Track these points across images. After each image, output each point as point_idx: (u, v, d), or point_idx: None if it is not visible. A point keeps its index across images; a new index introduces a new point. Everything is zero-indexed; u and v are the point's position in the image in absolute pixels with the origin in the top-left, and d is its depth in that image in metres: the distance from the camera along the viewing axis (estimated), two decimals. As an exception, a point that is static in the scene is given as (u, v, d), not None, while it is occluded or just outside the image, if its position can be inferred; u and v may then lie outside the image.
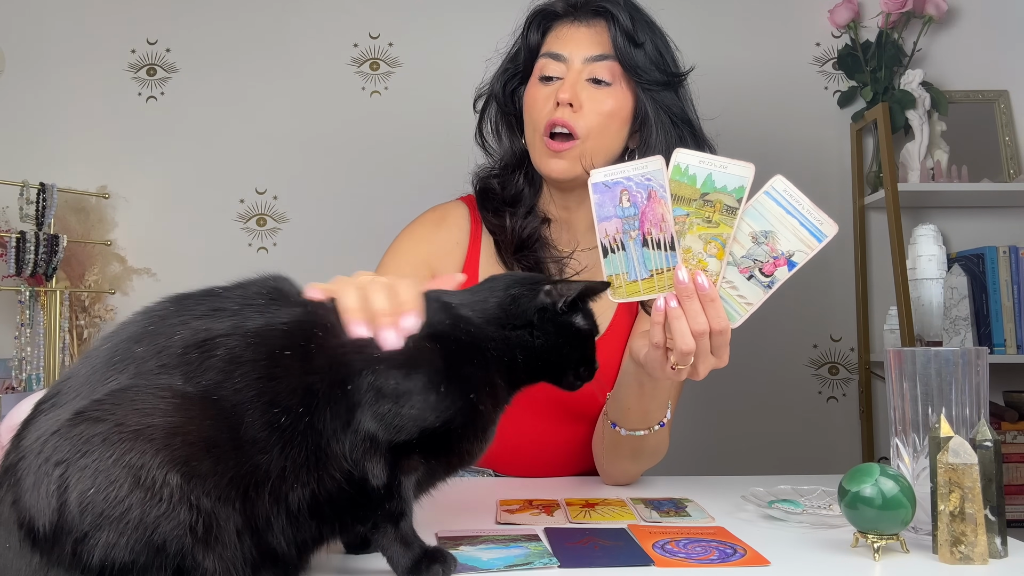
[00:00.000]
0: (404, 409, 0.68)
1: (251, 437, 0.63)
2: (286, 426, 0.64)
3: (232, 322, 0.66)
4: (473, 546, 0.80)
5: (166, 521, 0.58)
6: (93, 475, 0.58)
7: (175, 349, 0.64)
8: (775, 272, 0.88)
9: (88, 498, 0.57)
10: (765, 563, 0.77)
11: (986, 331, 2.24)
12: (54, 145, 2.48)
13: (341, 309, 0.71)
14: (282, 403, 0.65)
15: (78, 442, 0.59)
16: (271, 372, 0.65)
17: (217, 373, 0.64)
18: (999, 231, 2.44)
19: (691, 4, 2.55)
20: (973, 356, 0.86)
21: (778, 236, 0.88)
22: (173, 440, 0.60)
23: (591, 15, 1.22)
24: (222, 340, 0.65)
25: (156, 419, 0.60)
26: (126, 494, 0.58)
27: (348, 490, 0.67)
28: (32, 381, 2.23)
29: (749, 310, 0.89)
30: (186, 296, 0.69)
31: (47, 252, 2.18)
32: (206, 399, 0.62)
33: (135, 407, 0.61)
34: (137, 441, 0.59)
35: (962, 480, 0.75)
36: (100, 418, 0.60)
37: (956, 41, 2.55)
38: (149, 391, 0.62)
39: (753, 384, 2.45)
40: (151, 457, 0.59)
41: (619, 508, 1.00)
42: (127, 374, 0.63)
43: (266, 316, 0.68)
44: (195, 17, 2.56)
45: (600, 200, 0.88)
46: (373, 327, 0.70)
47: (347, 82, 2.55)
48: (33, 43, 2.53)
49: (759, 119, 2.50)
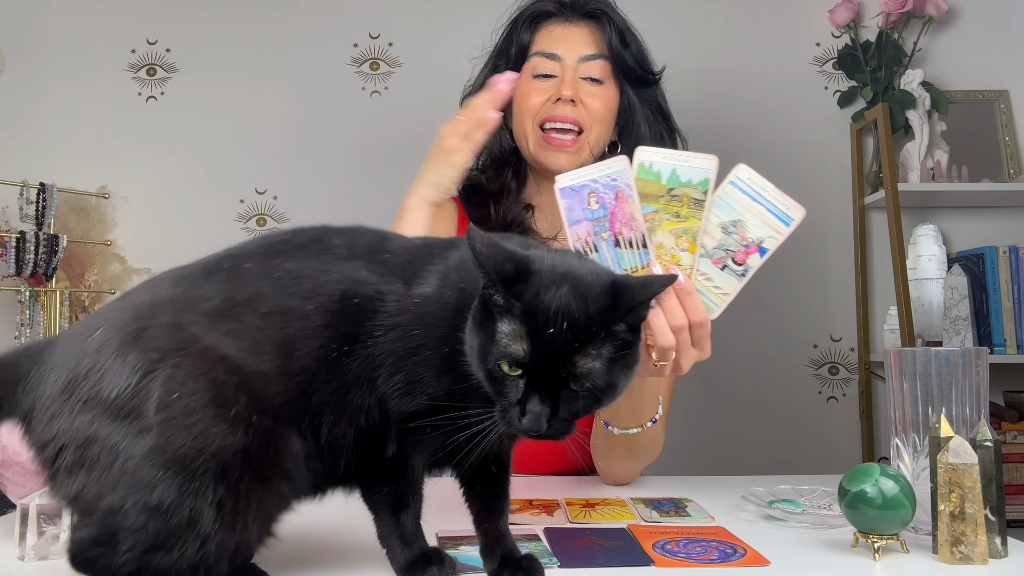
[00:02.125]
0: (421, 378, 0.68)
1: (302, 367, 0.67)
2: (331, 363, 0.68)
3: (332, 264, 0.71)
4: (473, 546, 0.80)
5: (223, 439, 0.62)
6: (180, 378, 0.63)
7: (277, 279, 0.69)
8: (747, 260, 0.88)
9: (168, 400, 0.62)
10: (765, 563, 0.77)
11: (986, 331, 2.24)
12: (54, 145, 2.48)
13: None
14: (332, 343, 0.68)
15: (180, 339, 0.64)
16: (342, 311, 0.68)
17: (297, 302, 0.68)
18: (999, 231, 2.44)
19: (691, 4, 2.54)
20: (973, 356, 0.86)
21: (747, 224, 0.88)
22: (248, 362, 0.65)
23: (582, 16, 1.28)
24: (319, 278, 0.70)
25: (244, 342, 0.66)
26: (201, 406, 0.62)
27: (362, 445, 0.70)
28: (32, 381, 2.23)
29: (726, 300, 0.89)
30: (302, 231, 0.74)
31: (47, 252, 2.18)
32: (283, 328, 0.67)
33: (231, 327, 0.66)
34: (224, 361, 0.65)
35: (962, 480, 0.75)
36: (197, 334, 0.65)
37: (956, 41, 2.55)
38: (248, 315, 0.67)
39: (753, 384, 2.44)
40: (231, 377, 0.64)
41: (619, 508, 1.00)
42: (233, 288, 0.69)
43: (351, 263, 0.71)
44: (195, 17, 2.56)
45: (569, 204, 0.88)
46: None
47: (347, 82, 2.55)
48: (33, 43, 2.53)
49: (759, 119, 2.50)
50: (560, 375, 0.63)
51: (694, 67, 2.47)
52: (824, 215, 2.52)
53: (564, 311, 0.63)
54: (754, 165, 0.90)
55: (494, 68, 1.32)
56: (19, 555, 0.78)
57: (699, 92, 2.46)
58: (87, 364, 0.64)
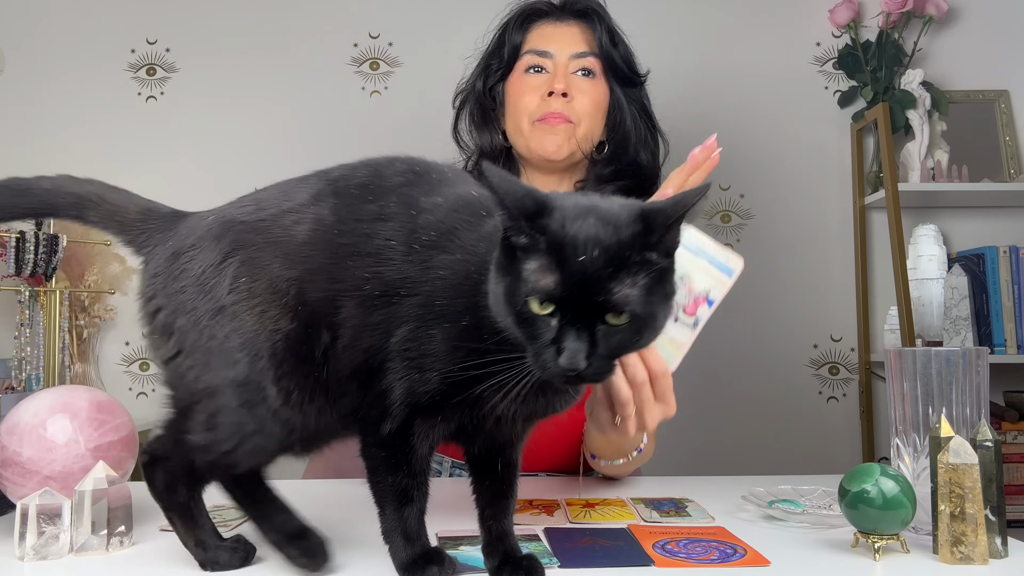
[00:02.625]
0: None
1: (341, 281, 0.71)
2: (363, 295, 0.70)
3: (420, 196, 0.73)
4: (473, 546, 0.80)
5: (275, 322, 0.70)
6: (248, 266, 0.72)
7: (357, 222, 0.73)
8: (697, 311, 0.90)
9: (237, 283, 0.71)
10: (765, 563, 0.77)
11: (986, 331, 2.24)
12: (54, 145, 2.48)
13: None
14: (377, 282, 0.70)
15: (256, 236, 0.73)
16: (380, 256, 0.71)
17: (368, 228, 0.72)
18: (999, 231, 2.44)
19: (691, 4, 2.54)
20: (973, 356, 0.86)
21: (692, 278, 0.90)
22: (300, 265, 0.71)
23: (573, 15, 1.32)
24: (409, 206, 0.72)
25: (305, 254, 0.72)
26: (261, 291, 0.71)
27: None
28: (32, 381, 2.23)
29: (682, 351, 0.90)
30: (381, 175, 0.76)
31: (47, 252, 2.18)
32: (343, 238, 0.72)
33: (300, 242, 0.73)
34: (283, 258, 0.72)
35: (962, 480, 0.75)
36: (277, 236, 0.73)
37: (956, 41, 2.55)
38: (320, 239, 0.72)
39: (753, 384, 2.44)
40: (285, 272, 0.71)
41: (619, 508, 1.00)
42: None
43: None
44: (195, 17, 2.56)
45: None
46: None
47: (347, 82, 2.55)
48: (33, 43, 2.53)
49: (759, 119, 2.50)
50: (596, 306, 0.60)
51: (694, 67, 2.47)
52: (824, 215, 2.52)
53: (594, 239, 0.60)
54: (755, 165, 0.90)
55: (486, 68, 1.36)
56: (19, 555, 0.78)
57: (699, 92, 2.46)
58: (191, 240, 0.75)
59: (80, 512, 0.79)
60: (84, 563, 0.78)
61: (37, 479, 0.84)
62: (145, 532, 0.88)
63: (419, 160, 0.78)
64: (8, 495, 0.87)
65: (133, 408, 2.44)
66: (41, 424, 0.85)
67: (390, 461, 0.70)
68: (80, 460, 0.85)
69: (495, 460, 0.76)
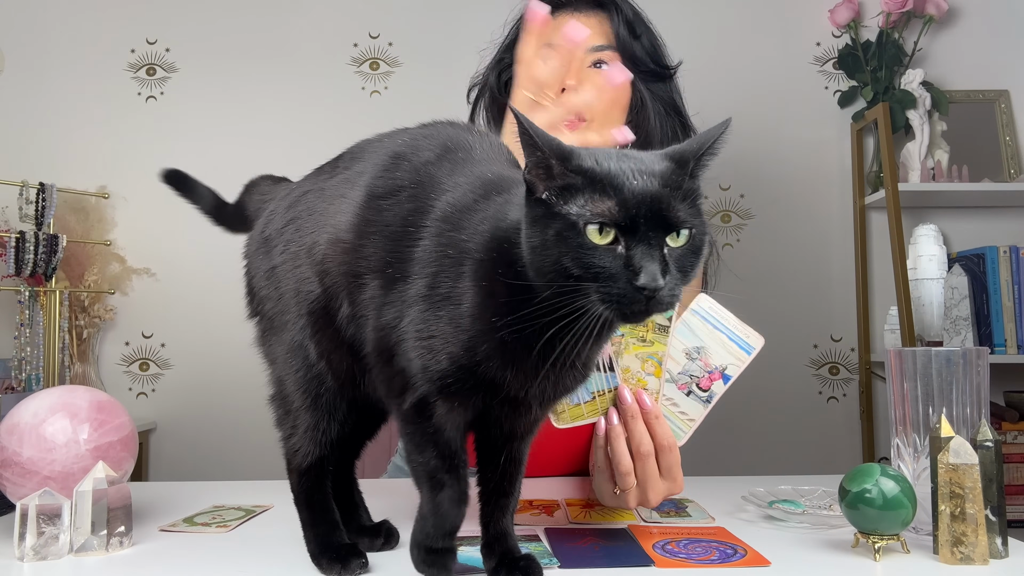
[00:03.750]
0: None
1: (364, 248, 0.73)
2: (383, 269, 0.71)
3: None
4: (472, 546, 0.80)
5: (310, 284, 0.77)
6: (298, 230, 0.79)
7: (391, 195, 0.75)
8: (712, 386, 0.89)
9: (288, 247, 0.80)
10: (765, 563, 0.77)
11: (986, 331, 2.24)
12: (54, 145, 2.48)
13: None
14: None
15: (311, 207, 0.80)
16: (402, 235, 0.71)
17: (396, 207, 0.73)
18: (999, 231, 2.44)
19: (691, 4, 2.55)
20: (973, 356, 0.86)
21: (710, 351, 0.89)
22: (334, 232, 0.76)
23: (591, 6, 1.25)
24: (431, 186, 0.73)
25: (345, 220, 0.76)
26: (303, 253, 0.78)
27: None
28: (32, 381, 2.23)
29: (692, 426, 0.89)
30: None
31: (47, 252, 2.18)
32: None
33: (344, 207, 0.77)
34: (324, 228, 0.77)
35: (963, 480, 0.75)
36: (323, 206, 0.79)
37: (956, 41, 2.55)
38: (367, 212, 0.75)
39: (753, 384, 2.44)
40: (322, 235, 0.77)
41: (619, 508, 1.00)
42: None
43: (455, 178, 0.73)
44: (195, 17, 2.56)
45: None
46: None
47: (347, 82, 2.55)
48: (33, 43, 2.53)
49: (759, 119, 2.50)
50: (660, 225, 0.59)
51: (694, 67, 2.46)
52: (824, 215, 2.52)
53: (639, 168, 0.60)
54: (755, 165, 0.90)
55: (500, 61, 1.31)
56: (19, 555, 0.78)
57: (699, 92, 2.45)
58: (273, 207, 0.86)
59: (80, 512, 0.79)
60: (84, 563, 0.78)
61: (37, 479, 0.84)
62: (145, 532, 0.88)
63: (454, 134, 0.78)
64: (8, 495, 0.87)
65: (133, 408, 2.45)
66: (41, 424, 0.85)
67: (416, 439, 0.69)
68: (80, 460, 0.85)
69: (501, 453, 0.75)
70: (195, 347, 2.48)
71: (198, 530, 0.89)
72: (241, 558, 0.79)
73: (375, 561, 0.76)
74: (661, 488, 0.88)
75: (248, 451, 2.41)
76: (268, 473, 1.05)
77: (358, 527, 0.83)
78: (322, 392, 0.78)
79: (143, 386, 2.50)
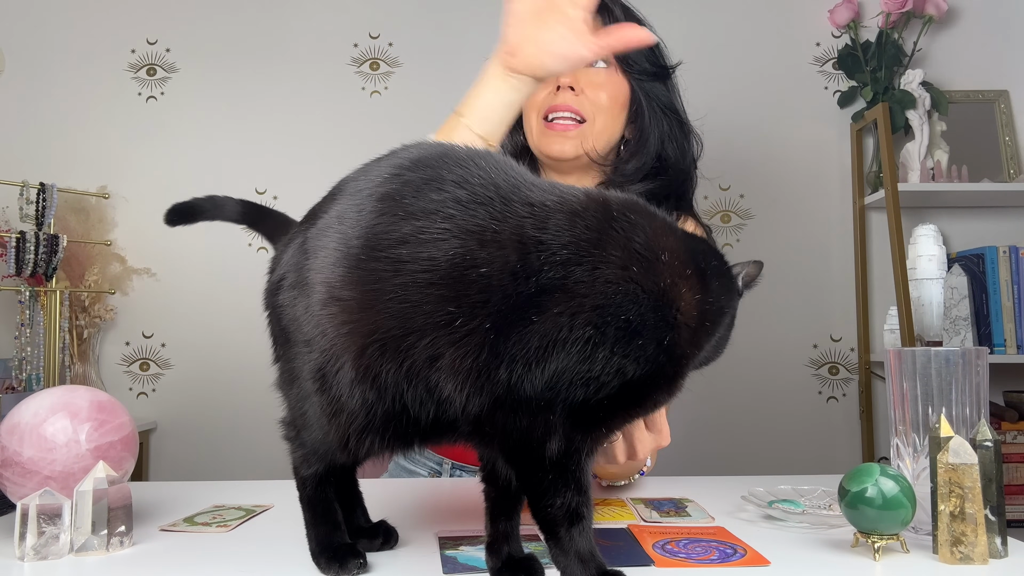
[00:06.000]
0: (617, 358, 0.61)
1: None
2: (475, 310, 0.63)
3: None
4: (473, 546, 0.80)
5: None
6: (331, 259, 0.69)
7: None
8: None
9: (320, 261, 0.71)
10: (765, 563, 0.77)
11: (986, 331, 2.24)
12: (54, 145, 2.48)
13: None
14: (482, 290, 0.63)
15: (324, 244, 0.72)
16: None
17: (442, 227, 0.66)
18: (999, 231, 2.44)
19: (692, 4, 2.55)
20: (973, 356, 0.86)
21: None
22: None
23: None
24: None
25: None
26: (332, 262, 0.69)
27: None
28: (32, 381, 2.23)
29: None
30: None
31: (47, 252, 2.18)
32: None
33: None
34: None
35: (962, 480, 0.75)
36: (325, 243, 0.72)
37: (956, 41, 2.55)
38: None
39: (753, 384, 2.44)
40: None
41: (619, 508, 1.00)
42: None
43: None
44: (195, 17, 2.56)
45: None
46: None
47: (347, 82, 2.55)
48: (33, 43, 2.53)
49: (760, 119, 2.50)
50: None
51: (694, 67, 2.46)
52: (824, 215, 2.52)
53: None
54: (754, 165, 0.90)
55: None
56: (19, 555, 0.78)
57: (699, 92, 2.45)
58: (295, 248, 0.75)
59: (80, 512, 0.79)
60: (84, 563, 0.78)
61: (37, 479, 0.84)
62: (145, 532, 0.88)
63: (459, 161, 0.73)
64: (8, 495, 0.87)
65: (133, 408, 2.45)
66: (41, 424, 0.85)
67: (558, 483, 0.65)
68: (80, 460, 0.85)
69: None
70: (195, 347, 2.48)
71: (198, 530, 0.89)
72: (241, 558, 0.79)
73: (374, 561, 0.76)
74: (648, 441, 0.90)
75: (248, 451, 2.41)
76: (268, 473, 1.05)
77: (357, 527, 0.83)
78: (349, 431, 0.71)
79: (143, 386, 2.50)
